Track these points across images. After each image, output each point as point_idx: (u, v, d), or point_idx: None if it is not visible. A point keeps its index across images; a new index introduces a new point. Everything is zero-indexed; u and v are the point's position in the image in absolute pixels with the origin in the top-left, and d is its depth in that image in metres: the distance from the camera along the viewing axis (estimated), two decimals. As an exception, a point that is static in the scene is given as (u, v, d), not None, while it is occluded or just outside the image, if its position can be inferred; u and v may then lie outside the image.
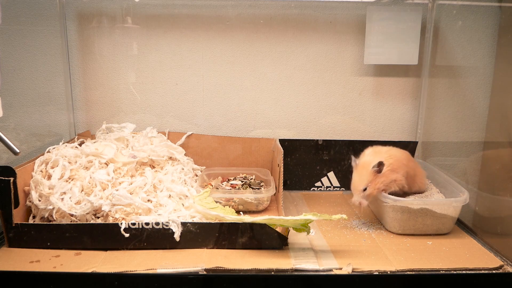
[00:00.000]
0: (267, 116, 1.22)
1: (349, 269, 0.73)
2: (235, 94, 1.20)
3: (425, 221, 0.88)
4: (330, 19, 1.16)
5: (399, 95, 1.21)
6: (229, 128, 1.22)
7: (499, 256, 0.80)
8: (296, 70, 1.19)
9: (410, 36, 1.12)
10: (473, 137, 1.20)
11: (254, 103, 1.21)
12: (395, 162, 0.92)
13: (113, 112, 1.20)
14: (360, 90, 1.21)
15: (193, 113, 1.21)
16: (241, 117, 1.22)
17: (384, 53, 1.14)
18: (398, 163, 0.92)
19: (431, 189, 1.02)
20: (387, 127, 1.23)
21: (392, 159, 0.92)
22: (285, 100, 1.21)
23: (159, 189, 0.93)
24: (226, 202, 0.99)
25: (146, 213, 0.85)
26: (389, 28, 1.12)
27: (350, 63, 1.19)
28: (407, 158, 0.97)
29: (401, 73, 1.20)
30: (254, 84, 1.20)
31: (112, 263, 0.74)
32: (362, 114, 1.22)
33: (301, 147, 1.15)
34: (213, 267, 0.73)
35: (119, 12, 1.14)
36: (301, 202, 1.07)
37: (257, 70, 1.19)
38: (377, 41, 1.13)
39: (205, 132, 1.20)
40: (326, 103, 1.21)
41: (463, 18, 1.15)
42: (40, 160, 0.91)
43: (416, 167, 0.98)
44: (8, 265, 0.74)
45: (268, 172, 1.12)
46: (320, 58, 1.18)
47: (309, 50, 1.18)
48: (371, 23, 1.12)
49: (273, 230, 0.79)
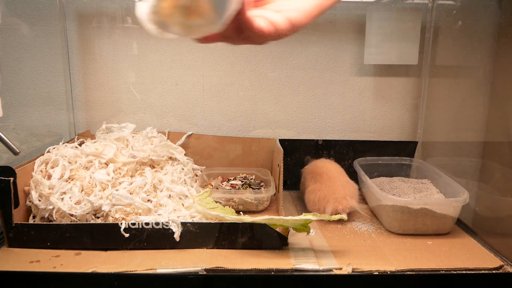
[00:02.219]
0: (267, 116, 1.22)
1: (349, 269, 0.73)
2: (235, 94, 1.20)
3: (425, 221, 0.88)
4: (330, 19, 1.16)
5: (399, 95, 1.21)
6: (229, 128, 1.22)
7: (499, 256, 0.80)
8: (296, 70, 1.19)
9: (410, 36, 1.12)
10: (473, 137, 1.20)
11: (254, 103, 1.21)
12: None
13: (113, 112, 1.20)
14: (360, 90, 1.21)
15: (193, 113, 1.21)
16: (241, 117, 1.22)
17: (384, 53, 1.14)
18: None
19: (431, 189, 1.02)
20: (387, 127, 1.23)
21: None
22: (285, 100, 1.21)
23: (159, 189, 0.93)
24: (226, 202, 0.99)
25: (146, 213, 0.85)
26: (389, 28, 1.12)
27: (350, 63, 1.19)
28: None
29: (401, 73, 1.20)
30: (254, 84, 1.20)
31: (112, 263, 0.74)
32: (362, 114, 1.22)
33: (301, 147, 1.15)
34: (213, 267, 0.73)
35: (119, 12, 1.14)
36: (301, 202, 1.07)
37: (257, 70, 1.19)
38: (377, 41, 1.13)
39: (205, 132, 1.20)
40: (326, 103, 1.21)
41: (463, 18, 1.15)
42: (40, 160, 0.91)
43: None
44: (8, 265, 0.74)
45: (268, 172, 1.12)
46: (320, 58, 1.18)
47: (309, 50, 1.18)
48: (371, 23, 1.12)
49: (273, 230, 0.79)
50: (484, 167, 1.17)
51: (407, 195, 0.99)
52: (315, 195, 0.97)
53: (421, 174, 1.12)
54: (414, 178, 1.12)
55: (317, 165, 1.05)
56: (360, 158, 1.11)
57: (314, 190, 0.98)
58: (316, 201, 0.96)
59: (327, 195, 0.95)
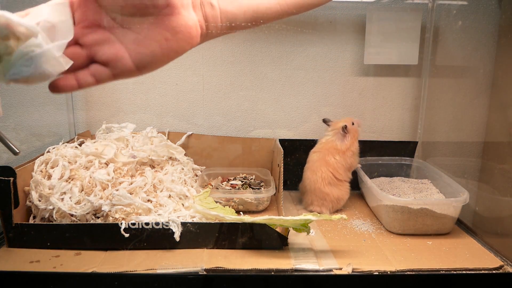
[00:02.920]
0: (267, 116, 1.22)
1: (349, 269, 0.73)
2: (235, 94, 1.20)
3: (425, 221, 0.88)
4: (330, 19, 1.16)
5: (399, 95, 1.21)
6: (229, 128, 1.22)
7: (499, 256, 0.80)
8: (296, 70, 1.19)
9: (410, 36, 1.12)
10: (473, 137, 1.20)
11: (254, 103, 1.21)
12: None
13: (113, 112, 1.20)
14: (360, 90, 1.21)
15: (193, 113, 1.21)
16: (241, 117, 1.22)
17: (384, 53, 1.14)
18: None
19: (431, 189, 1.02)
20: (387, 127, 1.23)
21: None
22: (285, 100, 1.21)
23: (159, 189, 0.93)
24: (226, 202, 0.99)
25: (146, 213, 0.85)
26: (389, 28, 1.12)
27: (350, 63, 1.19)
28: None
29: (401, 73, 1.20)
30: (254, 84, 1.20)
31: (112, 263, 0.74)
32: (362, 114, 1.22)
33: (301, 147, 1.15)
34: (213, 267, 0.73)
35: (119, 12, 1.13)
36: (301, 202, 1.07)
37: (257, 70, 1.19)
38: (377, 41, 1.13)
39: (205, 132, 1.20)
40: (326, 103, 1.21)
41: (463, 18, 1.15)
42: (40, 160, 0.91)
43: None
44: (8, 265, 0.74)
45: (268, 172, 1.12)
46: (320, 58, 1.18)
47: (309, 50, 1.18)
48: (371, 23, 1.12)
49: (273, 230, 0.79)
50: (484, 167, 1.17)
51: (407, 195, 0.99)
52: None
53: (421, 174, 1.12)
54: (414, 178, 1.12)
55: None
56: (360, 158, 1.11)
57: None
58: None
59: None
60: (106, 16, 0.50)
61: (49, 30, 0.45)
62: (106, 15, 0.50)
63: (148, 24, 0.50)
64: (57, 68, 0.45)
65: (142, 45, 0.50)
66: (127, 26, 0.50)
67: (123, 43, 0.50)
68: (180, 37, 0.51)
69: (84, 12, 0.49)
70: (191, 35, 0.52)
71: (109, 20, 0.50)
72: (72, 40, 0.48)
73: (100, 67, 0.50)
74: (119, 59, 0.50)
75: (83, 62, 0.49)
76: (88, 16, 0.50)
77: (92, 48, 0.50)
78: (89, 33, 0.50)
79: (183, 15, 0.50)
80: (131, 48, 0.50)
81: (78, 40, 0.49)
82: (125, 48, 0.50)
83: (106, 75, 0.50)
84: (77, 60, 0.49)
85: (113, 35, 0.50)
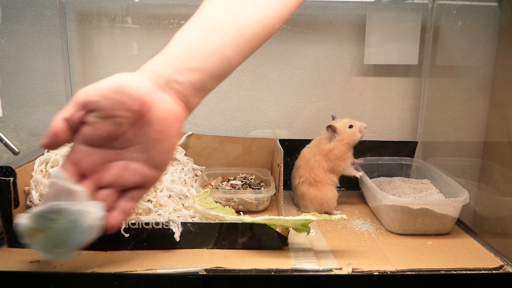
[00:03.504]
0: (267, 116, 1.22)
1: (349, 269, 0.73)
2: (235, 94, 1.20)
3: (425, 221, 0.88)
4: (330, 19, 1.16)
5: (399, 95, 1.21)
6: (229, 128, 1.22)
7: (499, 256, 0.80)
8: (296, 70, 1.19)
9: (410, 36, 1.12)
10: (473, 137, 1.20)
11: (254, 103, 1.21)
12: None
13: (113, 112, 1.20)
14: (360, 90, 1.21)
15: (193, 113, 1.20)
16: (241, 117, 1.22)
17: (384, 53, 1.14)
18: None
19: (431, 189, 1.02)
20: (387, 127, 1.23)
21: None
22: (285, 100, 1.21)
23: (159, 189, 0.93)
24: (226, 202, 0.99)
25: (146, 213, 0.85)
26: (389, 28, 1.12)
27: (350, 63, 1.19)
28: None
29: (401, 73, 1.20)
30: (254, 84, 1.20)
31: (112, 263, 0.74)
32: (362, 114, 1.22)
33: (301, 147, 1.15)
34: (213, 267, 0.73)
35: (119, 12, 1.13)
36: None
37: (257, 70, 1.19)
38: (377, 41, 1.13)
39: (205, 132, 1.20)
40: (326, 103, 1.21)
41: (463, 18, 1.15)
42: (40, 160, 0.91)
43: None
44: (8, 265, 0.74)
45: (268, 172, 1.12)
46: (320, 58, 1.18)
47: (309, 50, 1.18)
48: (371, 23, 1.12)
49: (273, 230, 0.79)
50: (484, 167, 1.17)
51: (407, 195, 0.99)
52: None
53: (421, 174, 1.12)
54: (414, 178, 1.12)
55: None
56: (360, 158, 1.11)
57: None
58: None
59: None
60: (106, 150, 0.52)
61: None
62: (105, 149, 0.52)
63: (141, 133, 0.51)
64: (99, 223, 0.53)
65: (151, 152, 0.52)
66: (126, 146, 0.52)
67: (137, 161, 0.52)
68: (169, 122, 0.53)
69: (83, 159, 0.53)
70: (176, 113, 0.54)
71: (109, 151, 0.52)
72: (94, 184, 0.52)
73: (133, 192, 0.53)
74: (143, 177, 0.52)
75: (114, 198, 0.53)
76: (93, 161, 0.52)
77: (115, 183, 0.52)
78: (103, 172, 0.52)
79: (159, 103, 0.51)
80: (144, 160, 0.52)
81: (99, 184, 0.52)
82: (140, 163, 0.52)
83: (142, 194, 0.54)
84: (110, 200, 0.53)
85: (123, 160, 0.52)
